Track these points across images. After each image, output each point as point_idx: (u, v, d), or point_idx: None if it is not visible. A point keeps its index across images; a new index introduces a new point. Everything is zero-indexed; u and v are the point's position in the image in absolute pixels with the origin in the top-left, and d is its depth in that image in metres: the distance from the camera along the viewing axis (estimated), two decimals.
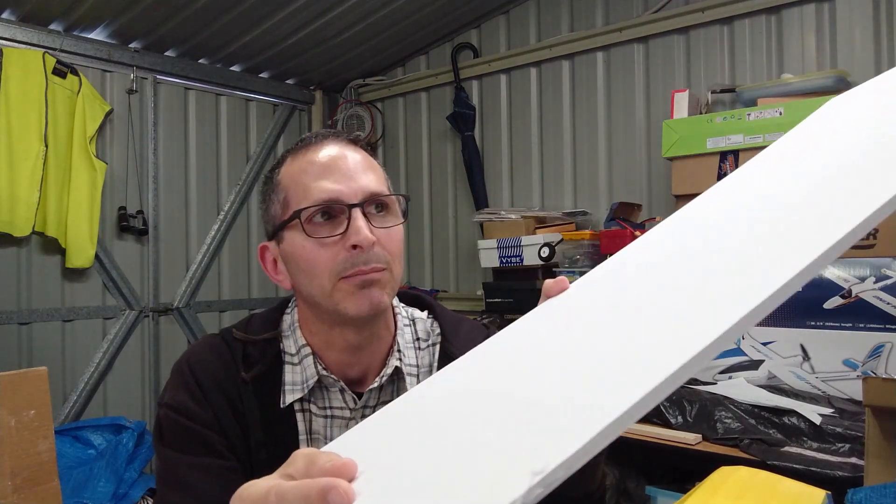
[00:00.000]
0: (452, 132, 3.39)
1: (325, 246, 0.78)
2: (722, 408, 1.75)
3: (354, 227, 0.77)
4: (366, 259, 0.77)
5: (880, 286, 1.82)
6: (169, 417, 0.80)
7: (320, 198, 0.78)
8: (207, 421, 0.80)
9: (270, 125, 3.58)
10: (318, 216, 0.79)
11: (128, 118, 2.98)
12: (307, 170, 0.81)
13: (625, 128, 2.85)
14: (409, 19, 3.12)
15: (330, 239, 0.78)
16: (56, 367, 2.72)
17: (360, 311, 0.78)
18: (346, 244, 0.77)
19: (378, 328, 0.85)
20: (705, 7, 2.59)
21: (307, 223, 0.79)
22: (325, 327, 0.83)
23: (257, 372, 0.83)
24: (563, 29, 3.02)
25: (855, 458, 1.50)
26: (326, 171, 0.80)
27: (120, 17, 2.74)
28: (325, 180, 0.79)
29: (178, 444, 0.79)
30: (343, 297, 0.78)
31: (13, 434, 1.63)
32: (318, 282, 0.79)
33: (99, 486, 2.34)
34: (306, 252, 0.79)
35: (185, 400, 0.80)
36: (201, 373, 0.82)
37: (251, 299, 3.46)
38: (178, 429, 0.79)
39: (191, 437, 0.79)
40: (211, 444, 0.79)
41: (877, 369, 1.77)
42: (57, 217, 2.69)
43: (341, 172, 0.80)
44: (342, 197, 0.78)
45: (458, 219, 3.42)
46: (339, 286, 0.78)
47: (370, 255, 0.77)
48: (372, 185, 0.81)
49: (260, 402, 0.82)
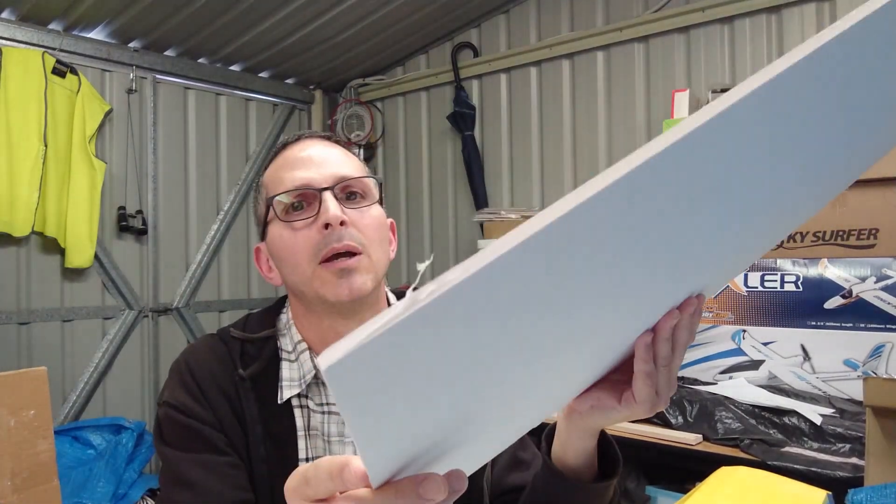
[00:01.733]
0: (452, 132, 3.39)
1: (299, 231, 0.80)
2: (722, 408, 1.75)
3: (324, 206, 0.79)
4: (338, 236, 0.78)
5: (881, 286, 1.82)
6: (169, 416, 0.81)
7: (292, 185, 0.81)
8: (207, 418, 0.80)
9: (270, 125, 3.58)
10: (292, 206, 0.81)
11: (127, 118, 2.98)
12: (283, 165, 0.85)
13: (625, 128, 2.84)
14: (409, 19, 3.12)
15: (303, 222, 0.80)
16: (55, 367, 2.72)
17: (340, 297, 0.79)
18: (318, 225, 0.79)
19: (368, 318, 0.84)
20: (706, 6, 2.58)
21: (282, 213, 0.82)
22: (315, 319, 0.84)
23: (255, 370, 0.84)
24: (563, 28, 3.02)
25: (855, 459, 1.49)
26: (299, 162, 0.84)
27: (119, 16, 2.74)
28: (298, 171, 0.83)
29: (179, 442, 0.80)
30: (322, 283, 0.79)
31: (13, 434, 1.63)
32: (299, 269, 0.80)
33: (98, 486, 2.34)
34: (284, 240, 0.81)
35: (184, 398, 0.81)
36: (199, 371, 0.83)
37: (251, 299, 3.46)
38: (179, 427, 0.80)
39: (191, 434, 0.79)
40: (211, 441, 0.79)
41: (877, 369, 1.77)
42: (56, 217, 2.68)
43: (313, 162, 0.83)
44: (311, 182, 0.81)
45: (458, 219, 3.42)
46: (318, 273, 0.79)
47: (342, 232, 0.79)
48: (343, 170, 0.83)
49: (258, 398, 0.83)
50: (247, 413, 0.82)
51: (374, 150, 3.75)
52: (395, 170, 3.64)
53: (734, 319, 2.06)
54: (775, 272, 1.99)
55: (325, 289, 0.79)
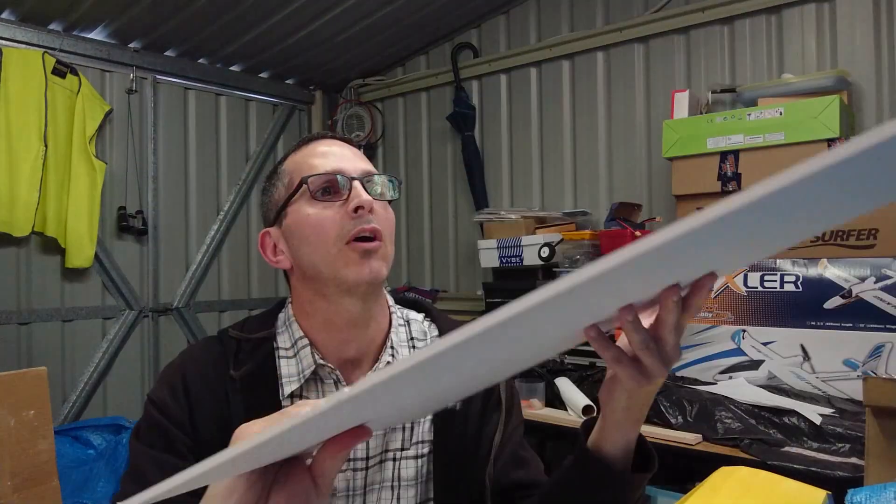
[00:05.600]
0: (452, 132, 3.39)
1: (330, 209, 0.83)
2: (722, 408, 1.75)
3: (356, 192, 0.84)
4: (367, 220, 0.83)
5: (880, 286, 1.82)
6: (147, 410, 0.84)
7: (326, 169, 0.86)
8: (178, 418, 0.82)
9: (270, 125, 3.58)
10: (320, 192, 0.85)
11: (127, 118, 2.98)
12: (312, 153, 0.89)
13: (625, 128, 2.84)
14: (409, 19, 3.12)
15: (334, 204, 0.84)
16: (56, 367, 2.72)
17: (360, 277, 0.81)
18: (348, 209, 0.83)
19: (374, 309, 0.88)
20: (705, 7, 2.58)
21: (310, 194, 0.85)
22: (324, 304, 0.85)
23: (246, 370, 0.85)
24: (563, 29, 3.02)
25: (855, 459, 1.50)
26: (329, 154, 0.88)
27: (119, 16, 2.74)
28: (329, 160, 0.87)
29: (146, 437, 0.82)
30: (345, 263, 0.82)
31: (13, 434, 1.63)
32: (324, 248, 0.82)
33: (98, 486, 2.34)
34: (312, 218, 0.84)
35: (163, 395, 0.83)
36: (190, 372, 0.85)
37: (251, 299, 3.46)
38: (150, 422, 0.83)
39: (158, 431, 0.81)
40: (173, 443, 0.81)
41: (877, 369, 1.77)
42: (56, 217, 2.68)
43: (343, 156, 0.88)
44: (345, 171, 0.86)
45: (458, 219, 3.42)
46: (343, 252, 0.82)
47: (370, 217, 0.83)
48: (369, 168, 0.89)
49: (246, 399, 0.83)
50: (234, 414, 0.82)
51: (375, 151, 3.75)
52: (394, 170, 3.64)
53: (734, 319, 2.06)
54: (775, 272, 1.99)
55: (348, 269, 0.81)
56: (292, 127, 3.68)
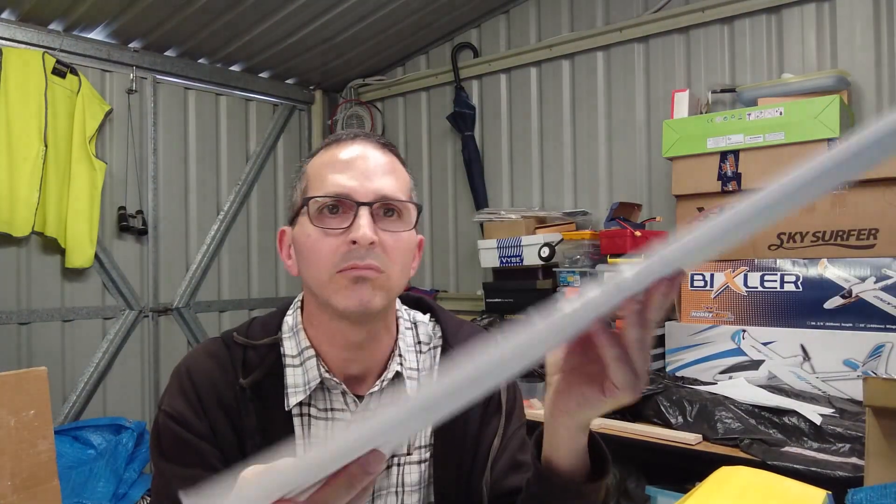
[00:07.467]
0: (452, 132, 3.39)
1: (328, 236, 0.79)
2: (722, 408, 1.75)
3: (357, 223, 0.78)
4: (362, 255, 0.78)
5: (880, 286, 1.82)
6: (167, 426, 0.81)
7: (331, 190, 0.80)
8: (203, 432, 0.80)
9: (270, 125, 3.58)
10: (327, 208, 0.80)
11: (127, 118, 2.98)
12: (329, 163, 0.83)
13: (625, 128, 2.84)
14: (409, 19, 3.12)
15: (334, 231, 0.79)
16: (56, 367, 2.72)
17: (348, 307, 0.78)
18: (347, 238, 0.78)
19: (376, 329, 0.85)
20: (705, 7, 2.58)
21: (316, 212, 0.80)
22: (325, 319, 0.84)
23: (255, 378, 0.83)
24: (564, 29, 3.02)
25: (855, 459, 1.50)
26: (346, 166, 0.82)
27: (120, 16, 2.74)
28: (342, 175, 0.81)
29: (173, 455, 0.79)
30: (335, 290, 0.78)
31: (13, 434, 1.63)
32: (317, 272, 0.80)
33: (98, 486, 2.34)
34: (310, 240, 0.80)
35: (182, 408, 0.81)
36: (199, 379, 0.83)
37: (251, 299, 3.46)
38: (175, 439, 0.80)
39: (187, 448, 0.79)
40: (205, 457, 0.79)
41: (877, 369, 1.77)
42: (56, 217, 2.68)
43: (360, 171, 0.81)
44: (353, 194, 0.80)
45: (458, 219, 3.42)
46: (335, 279, 0.78)
47: (368, 253, 0.78)
48: (386, 188, 0.81)
49: (257, 408, 0.82)
50: (245, 423, 0.81)
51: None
52: None
53: (734, 319, 2.06)
54: (775, 272, 1.99)
55: (338, 296, 0.78)
56: (292, 127, 3.68)
